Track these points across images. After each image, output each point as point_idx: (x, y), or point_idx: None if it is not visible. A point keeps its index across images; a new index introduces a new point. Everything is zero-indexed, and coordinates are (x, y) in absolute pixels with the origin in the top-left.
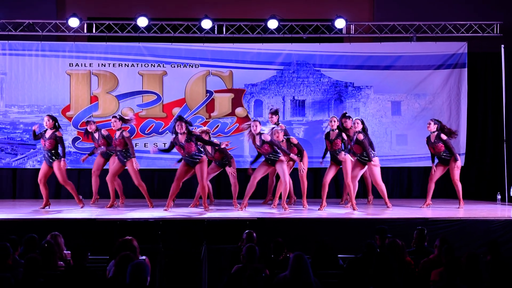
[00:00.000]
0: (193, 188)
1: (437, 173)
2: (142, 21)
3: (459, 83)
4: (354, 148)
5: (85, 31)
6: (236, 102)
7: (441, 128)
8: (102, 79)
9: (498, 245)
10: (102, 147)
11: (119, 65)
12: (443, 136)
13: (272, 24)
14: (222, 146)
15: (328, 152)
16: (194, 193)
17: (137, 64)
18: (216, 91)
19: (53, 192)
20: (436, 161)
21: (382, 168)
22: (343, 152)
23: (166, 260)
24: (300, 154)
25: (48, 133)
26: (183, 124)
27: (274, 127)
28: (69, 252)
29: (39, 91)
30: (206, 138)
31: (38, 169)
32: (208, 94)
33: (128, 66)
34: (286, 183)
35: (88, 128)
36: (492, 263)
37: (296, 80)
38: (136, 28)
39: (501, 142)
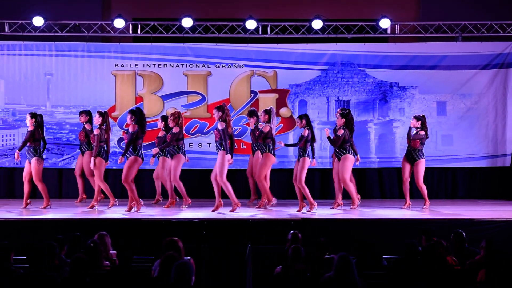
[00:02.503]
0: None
1: (407, 172)
2: (187, 22)
3: (505, 83)
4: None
5: (130, 31)
6: (281, 103)
7: (422, 125)
8: (147, 79)
9: None
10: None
11: (164, 66)
12: (422, 132)
13: (317, 24)
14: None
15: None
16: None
17: (182, 64)
18: (261, 92)
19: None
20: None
21: (426, 169)
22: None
23: (211, 260)
24: None
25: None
26: (131, 116)
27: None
28: (115, 251)
29: (85, 92)
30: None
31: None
32: (252, 94)
33: (172, 66)
34: None
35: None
36: None
37: (340, 80)
38: (180, 28)
39: None
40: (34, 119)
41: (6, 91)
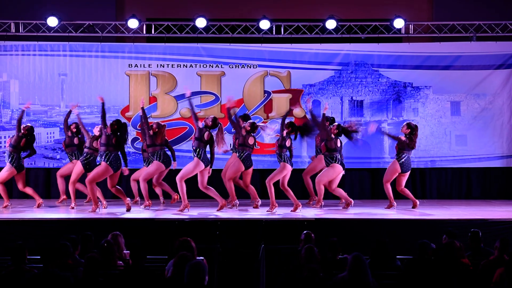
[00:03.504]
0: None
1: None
2: (201, 22)
3: None
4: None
5: (144, 32)
6: (294, 103)
7: (411, 133)
8: (160, 79)
9: None
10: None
11: (177, 66)
12: (402, 137)
13: (330, 24)
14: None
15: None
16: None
17: (196, 64)
18: (274, 92)
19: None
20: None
21: (441, 169)
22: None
23: (224, 260)
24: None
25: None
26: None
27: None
28: (129, 251)
29: (99, 92)
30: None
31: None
32: (266, 94)
33: (186, 66)
34: None
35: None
36: None
37: (354, 80)
38: (194, 28)
39: None
40: (26, 131)
41: (20, 91)
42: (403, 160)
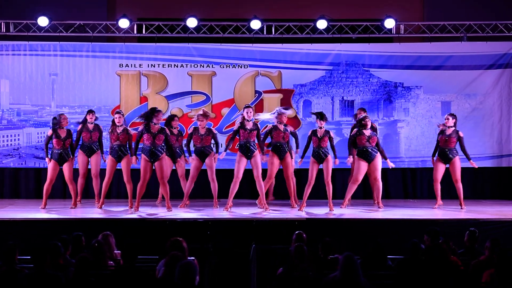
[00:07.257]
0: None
1: (441, 172)
2: (192, 22)
3: (510, 83)
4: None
5: (135, 32)
6: (285, 103)
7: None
8: (151, 79)
9: None
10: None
11: (168, 66)
12: (461, 133)
13: (321, 24)
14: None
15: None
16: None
17: (187, 64)
18: (265, 92)
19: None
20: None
21: (431, 169)
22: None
23: (215, 260)
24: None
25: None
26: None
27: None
28: (120, 251)
29: (90, 92)
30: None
31: (88, 170)
32: (257, 94)
33: (177, 66)
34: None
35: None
36: None
37: (345, 81)
38: (185, 28)
39: None
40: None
41: (11, 91)
42: None
